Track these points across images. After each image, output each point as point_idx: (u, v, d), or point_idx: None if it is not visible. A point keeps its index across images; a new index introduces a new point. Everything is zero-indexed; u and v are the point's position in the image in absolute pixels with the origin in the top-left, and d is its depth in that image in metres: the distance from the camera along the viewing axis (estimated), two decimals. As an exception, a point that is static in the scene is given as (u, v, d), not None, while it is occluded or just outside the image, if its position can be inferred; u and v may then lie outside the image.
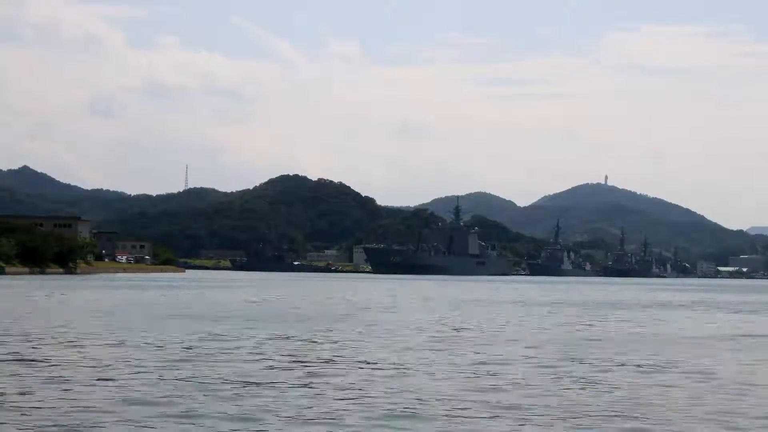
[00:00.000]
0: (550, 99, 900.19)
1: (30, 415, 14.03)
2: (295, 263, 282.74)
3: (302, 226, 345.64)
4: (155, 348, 24.01)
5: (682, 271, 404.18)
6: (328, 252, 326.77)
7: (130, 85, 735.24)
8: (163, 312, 40.92)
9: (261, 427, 13.37)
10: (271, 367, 20.01)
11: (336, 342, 26.70)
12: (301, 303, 53.83)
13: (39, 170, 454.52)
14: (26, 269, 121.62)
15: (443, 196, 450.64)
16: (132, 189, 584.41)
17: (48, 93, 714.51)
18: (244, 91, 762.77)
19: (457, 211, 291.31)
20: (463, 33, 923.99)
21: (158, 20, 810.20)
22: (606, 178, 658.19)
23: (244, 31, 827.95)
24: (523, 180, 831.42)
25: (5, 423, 13.23)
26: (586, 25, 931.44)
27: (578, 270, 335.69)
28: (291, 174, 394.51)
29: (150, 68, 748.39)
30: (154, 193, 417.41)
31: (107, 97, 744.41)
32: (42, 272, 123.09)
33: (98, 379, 17.70)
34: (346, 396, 16.23)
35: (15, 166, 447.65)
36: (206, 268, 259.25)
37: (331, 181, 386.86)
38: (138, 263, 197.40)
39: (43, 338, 26.40)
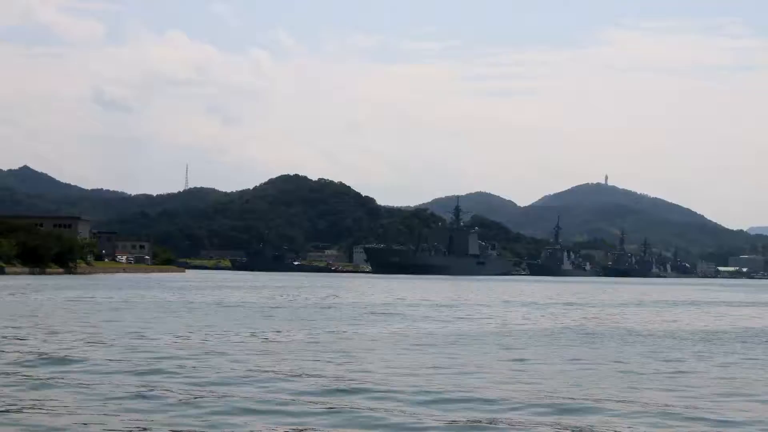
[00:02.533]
0: (551, 98, 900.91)
1: None
2: (295, 263, 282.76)
3: (302, 226, 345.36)
4: None
5: (682, 271, 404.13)
6: (328, 252, 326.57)
7: (129, 84, 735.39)
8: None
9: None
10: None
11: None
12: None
13: (39, 170, 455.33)
14: (26, 269, 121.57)
15: (443, 196, 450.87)
16: (132, 189, 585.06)
17: (46, 92, 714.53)
18: (244, 91, 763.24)
19: (457, 211, 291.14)
20: (463, 32, 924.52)
21: (156, 18, 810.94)
22: (606, 178, 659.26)
23: (243, 30, 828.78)
24: (523, 180, 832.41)
25: None
26: (588, 23, 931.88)
27: (578, 270, 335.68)
28: (291, 174, 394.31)
29: (149, 67, 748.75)
30: (154, 193, 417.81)
31: (106, 95, 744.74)
32: (42, 272, 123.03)
33: None
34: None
35: (15, 166, 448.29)
36: (206, 268, 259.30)
37: (331, 181, 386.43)
38: (138, 263, 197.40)
39: None
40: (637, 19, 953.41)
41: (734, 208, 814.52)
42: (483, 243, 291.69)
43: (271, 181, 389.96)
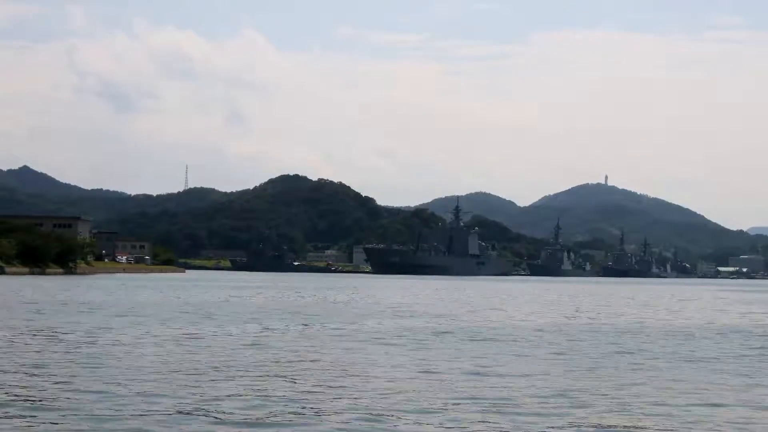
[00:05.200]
0: (551, 98, 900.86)
1: None
2: (295, 263, 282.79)
3: (302, 226, 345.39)
4: None
5: (682, 271, 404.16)
6: (328, 252, 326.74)
7: (129, 83, 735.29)
8: None
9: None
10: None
11: None
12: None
13: (39, 170, 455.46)
14: (26, 269, 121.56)
15: (443, 196, 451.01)
16: (132, 189, 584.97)
17: (45, 90, 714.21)
18: (244, 92, 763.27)
19: (457, 211, 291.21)
20: (463, 31, 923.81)
21: (157, 15, 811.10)
22: (606, 178, 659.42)
23: (242, 30, 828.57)
24: (523, 180, 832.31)
25: None
26: (587, 21, 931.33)
27: (578, 270, 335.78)
28: (291, 174, 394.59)
29: (147, 66, 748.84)
30: (154, 193, 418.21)
31: (106, 94, 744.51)
32: (42, 272, 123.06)
33: None
34: None
35: (15, 166, 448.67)
36: (206, 268, 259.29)
37: (331, 181, 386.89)
38: (138, 263, 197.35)
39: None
40: (636, 16, 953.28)
41: (734, 208, 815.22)
42: (483, 243, 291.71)
43: (271, 181, 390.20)
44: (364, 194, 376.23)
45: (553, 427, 14.82)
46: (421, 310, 51.07)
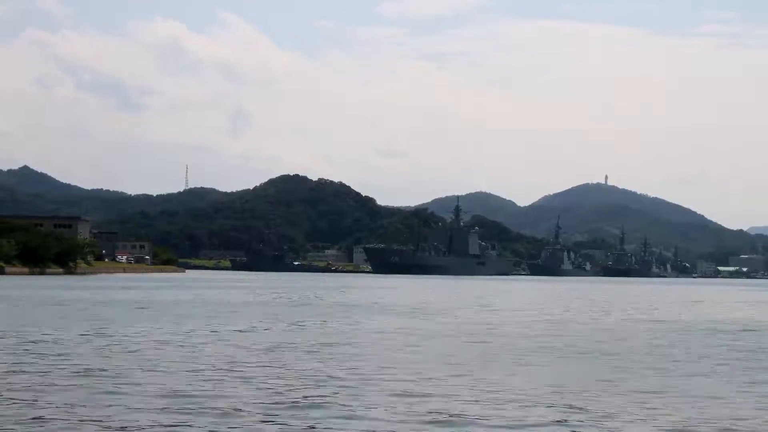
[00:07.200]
0: (551, 98, 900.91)
1: None
2: (295, 263, 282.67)
3: (302, 226, 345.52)
4: None
5: (682, 271, 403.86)
6: (328, 252, 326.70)
7: (129, 84, 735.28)
8: None
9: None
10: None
11: None
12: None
13: (39, 170, 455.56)
14: (26, 269, 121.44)
15: (443, 196, 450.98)
16: (132, 189, 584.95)
17: (45, 89, 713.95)
18: (244, 91, 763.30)
19: (457, 211, 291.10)
20: (464, 31, 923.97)
21: (157, 13, 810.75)
22: (606, 178, 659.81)
23: (241, 30, 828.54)
24: (523, 180, 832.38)
25: None
26: (585, 21, 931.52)
27: (578, 270, 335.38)
28: (291, 174, 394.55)
29: (147, 66, 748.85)
30: (154, 193, 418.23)
31: (107, 93, 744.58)
32: (42, 272, 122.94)
33: None
34: None
35: (15, 166, 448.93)
36: (206, 268, 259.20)
37: (331, 181, 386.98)
38: (138, 263, 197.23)
39: None
40: (635, 14, 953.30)
41: (734, 208, 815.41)
42: (483, 243, 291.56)
43: (271, 181, 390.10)
44: (364, 194, 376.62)
45: None
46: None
